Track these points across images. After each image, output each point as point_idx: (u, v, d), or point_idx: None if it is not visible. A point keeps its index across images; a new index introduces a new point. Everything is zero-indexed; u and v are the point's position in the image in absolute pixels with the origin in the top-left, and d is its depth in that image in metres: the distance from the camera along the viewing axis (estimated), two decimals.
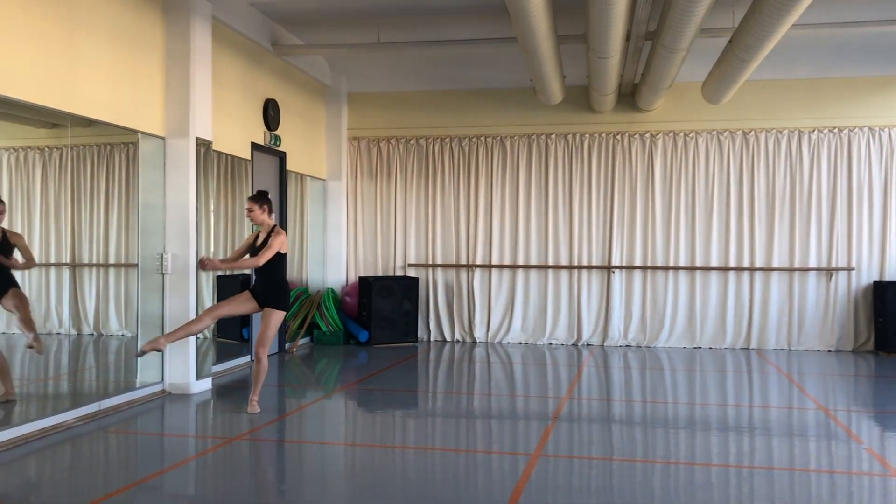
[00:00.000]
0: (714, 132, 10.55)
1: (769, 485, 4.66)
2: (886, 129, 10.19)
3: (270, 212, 6.56)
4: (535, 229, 10.92)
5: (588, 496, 4.48)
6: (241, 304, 6.50)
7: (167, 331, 6.84)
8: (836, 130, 10.30)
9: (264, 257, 6.27)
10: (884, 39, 9.56)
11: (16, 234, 6.53)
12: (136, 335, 7.30)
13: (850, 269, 10.21)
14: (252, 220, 6.54)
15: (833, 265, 10.24)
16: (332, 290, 10.97)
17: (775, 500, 4.40)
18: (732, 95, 9.59)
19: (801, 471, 5.00)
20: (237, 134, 8.69)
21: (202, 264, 6.41)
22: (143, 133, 7.07)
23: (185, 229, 7.27)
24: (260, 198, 6.51)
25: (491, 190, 11.04)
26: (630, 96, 10.62)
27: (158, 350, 6.29)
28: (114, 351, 8.52)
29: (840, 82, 10.31)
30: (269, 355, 6.39)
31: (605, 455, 5.40)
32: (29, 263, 6.52)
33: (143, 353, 6.35)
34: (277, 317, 6.42)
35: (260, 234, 6.52)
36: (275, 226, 6.51)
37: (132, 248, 7.64)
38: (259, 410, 6.44)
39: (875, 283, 10.09)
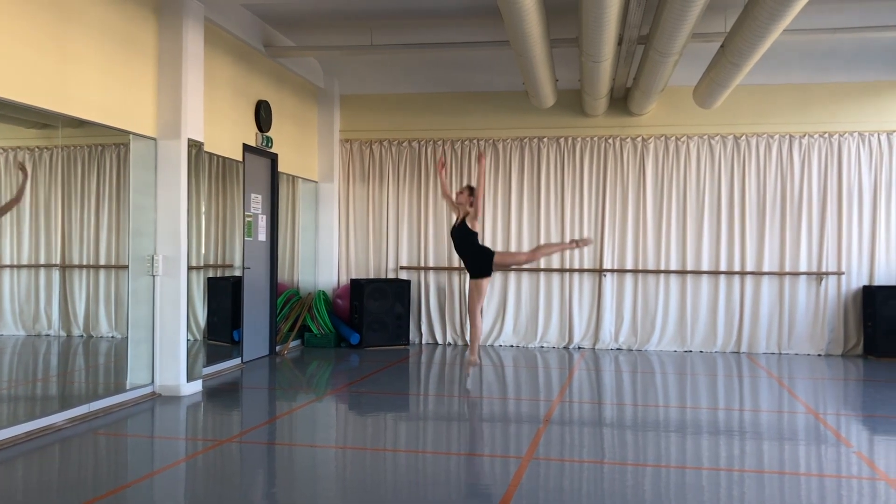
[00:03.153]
0: (705, 136, 10.59)
1: (759, 488, 4.68)
2: (876, 135, 10.25)
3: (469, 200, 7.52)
4: (526, 232, 10.93)
5: (579, 499, 4.48)
6: (480, 287, 7.46)
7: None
8: (826, 135, 10.36)
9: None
10: (874, 45, 9.62)
11: None
12: (126, 337, 7.27)
13: (839, 274, 10.26)
14: (461, 206, 7.51)
15: (823, 269, 10.29)
16: (324, 293, 10.95)
17: (765, 503, 4.41)
18: (724, 100, 9.62)
19: (790, 474, 5.02)
20: (229, 135, 8.67)
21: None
22: (134, 134, 7.05)
23: (176, 231, 7.25)
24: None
25: (483, 192, 11.02)
26: (622, 100, 10.64)
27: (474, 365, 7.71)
28: (104, 353, 8.47)
29: (830, 87, 10.37)
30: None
31: (596, 458, 5.40)
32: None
33: (467, 375, 7.87)
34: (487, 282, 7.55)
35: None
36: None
37: (123, 250, 7.60)
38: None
39: (864, 287, 10.14)
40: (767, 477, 4.92)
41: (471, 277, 7.57)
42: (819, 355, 10.21)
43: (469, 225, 7.43)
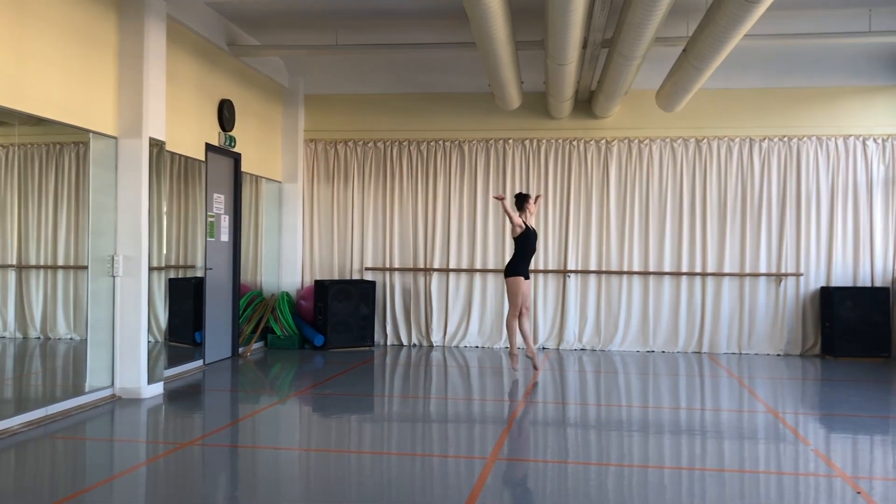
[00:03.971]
0: (668, 139, 10.72)
1: (720, 486, 4.74)
2: (833, 139, 10.46)
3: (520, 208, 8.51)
4: (492, 233, 10.96)
5: (543, 499, 4.50)
6: (524, 288, 8.45)
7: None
8: (785, 139, 10.55)
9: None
10: (831, 52, 9.84)
11: None
12: (85, 339, 7.14)
13: (798, 275, 10.45)
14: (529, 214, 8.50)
15: (782, 271, 10.47)
16: (287, 294, 10.86)
17: (726, 501, 4.48)
18: (686, 104, 9.75)
19: (750, 472, 5.10)
20: (191, 134, 8.57)
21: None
22: (94, 132, 6.93)
23: (137, 231, 7.14)
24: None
25: (449, 194, 11.05)
26: (586, 103, 10.73)
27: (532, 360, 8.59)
28: (61, 355, 8.31)
29: (790, 92, 10.56)
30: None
31: (559, 458, 5.43)
32: None
33: (535, 368, 8.60)
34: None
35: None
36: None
37: (82, 250, 7.47)
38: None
39: (822, 288, 10.34)
40: (728, 475, 4.99)
41: (525, 279, 8.49)
42: (778, 355, 10.39)
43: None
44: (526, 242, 8.42)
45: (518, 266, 8.43)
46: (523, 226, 8.37)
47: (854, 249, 10.39)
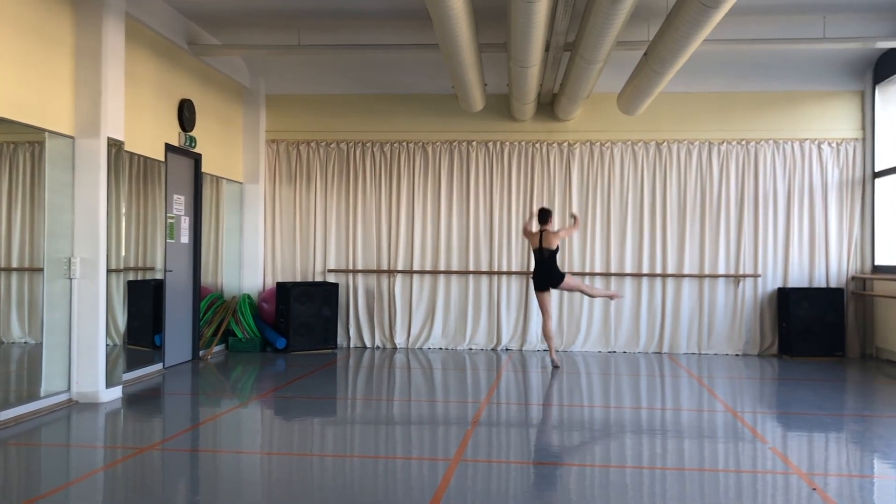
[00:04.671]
0: (629, 142, 10.84)
1: (680, 485, 4.80)
2: (790, 143, 10.67)
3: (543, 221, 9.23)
4: (456, 235, 10.98)
5: (506, 500, 4.52)
6: (547, 297, 9.23)
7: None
8: (743, 143, 10.73)
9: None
10: (788, 57, 10.04)
11: None
12: (41, 342, 6.99)
13: (756, 276, 10.64)
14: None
15: (740, 272, 10.65)
16: (249, 296, 10.76)
17: (686, 499, 4.53)
18: (647, 107, 9.87)
19: (710, 471, 5.17)
20: (151, 134, 8.45)
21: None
22: (50, 132, 6.79)
23: (95, 232, 7.02)
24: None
25: (413, 195, 11.04)
26: (549, 106, 10.81)
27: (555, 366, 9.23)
28: (16, 359, 8.13)
29: (748, 96, 10.74)
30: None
31: (523, 459, 5.46)
32: None
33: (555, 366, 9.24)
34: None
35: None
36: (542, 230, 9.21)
37: (37, 252, 7.31)
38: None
39: (779, 289, 10.54)
40: (688, 474, 5.06)
41: (537, 289, 9.30)
42: (737, 355, 10.56)
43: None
44: (536, 256, 9.25)
45: (533, 278, 9.35)
46: (536, 242, 9.21)
47: (810, 251, 10.61)
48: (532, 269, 9.44)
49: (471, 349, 10.86)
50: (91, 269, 7.01)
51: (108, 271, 7.22)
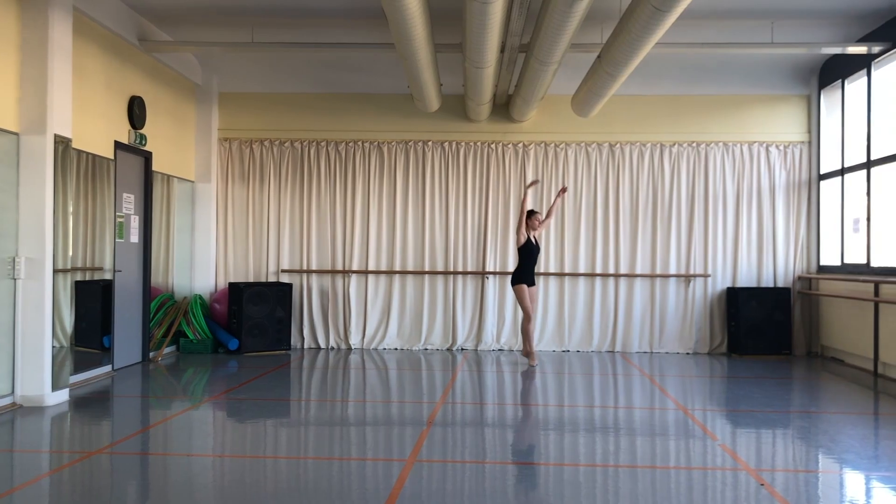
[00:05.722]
0: (583, 143, 10.95)
1: (633, 482, 4.86)
2: (739, 145, 10.89)
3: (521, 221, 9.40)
4: (411, 235, 10.96)
5: (462, 499, 4.52)
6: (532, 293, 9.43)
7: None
8: (694, 144, 10.91)
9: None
10: (738, 61, 10.25)
11: None
12: None
13: (706, 276, 10.83)
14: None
15: (691, 272, 10.83)
16: (200, 297, 10.60)
17: (638, 496, 4.59)
18: (600, 109, 9.99)
19: (661, 468, 5.25)
20: (100, 132, 8.28)
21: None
22: None
23: (41, 231, 6.85)
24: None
25: (368, 195, 11.00)
26: (504, 107, 10.86)
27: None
28: None
29: (699, 99, 10.93)
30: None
31: (478, 458, 5.47)
32: None
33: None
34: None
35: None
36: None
37: None
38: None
39: (728, 289, 10.75)
40: (640, 471, 5.12)
41: (529, 286, 9.37)
42: (687, 354, 10.74)
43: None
44: (529, 254, 9.38)
45: (523, 274, 9.34)
46: (531, 238, 9.42)
47: (758, 251, 10.84)
48: (517, 268, 9.45)
49: (426, 349, 10.85)
50: (36, 269, 6.83)
51: (55, 271, 7.05)
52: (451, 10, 7.98)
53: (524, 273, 9.35)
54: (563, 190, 9.66)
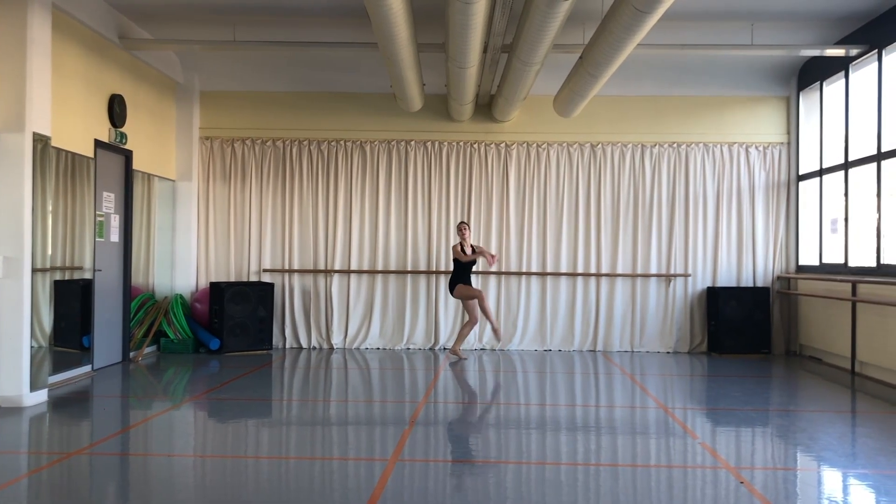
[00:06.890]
0: (565, 144, 10.99)
1: (614, 481, 4.90)
2: (719, 146, 10.97)
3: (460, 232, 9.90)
4: (394, 235, 10.96)
5: (444, 499, 4.53)
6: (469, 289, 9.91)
7: None
8: (675, 145, 10.98)
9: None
10: (718, 62, 10.33)
11: None
12: None
13: (686, 276, 10.91)
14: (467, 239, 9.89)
15: (671, 272, 10.90)
16: (181, 296, 10.54)
17: (619, 494, 4.62)
18: (582, 110, 10.03)
19: (642, 466, 5.28)
20: (79, 130, 8.21)
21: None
22: None
23: (20, 231, 6.78)
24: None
25: (350, 195, 10.98)
26: (487, 107, 10.88)
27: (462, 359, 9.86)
28: None
29: (680, 100, 11.01)
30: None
31: (460, 457, 5.48)
32: None
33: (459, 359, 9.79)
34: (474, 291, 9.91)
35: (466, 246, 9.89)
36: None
37: None
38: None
39: (708, 288, 10.83)
40: (621, 469, 5.16)
41: (465, 283, 9.92)
42: (668, 353, 10.81)
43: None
44: (468, 265, 9.92)
45: (462, 278, 9.88)
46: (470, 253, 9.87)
47: (738, 251, 10.93)
48: (455, 275, 9.92)
49: (409, 349, 10.85)
50: (15, 269, 6.77)
51: (34, 271, 6.99)
52: (434, 9, 7.99)
53: (463, 276, 9.92)
54: (494, 259, 9.70)
